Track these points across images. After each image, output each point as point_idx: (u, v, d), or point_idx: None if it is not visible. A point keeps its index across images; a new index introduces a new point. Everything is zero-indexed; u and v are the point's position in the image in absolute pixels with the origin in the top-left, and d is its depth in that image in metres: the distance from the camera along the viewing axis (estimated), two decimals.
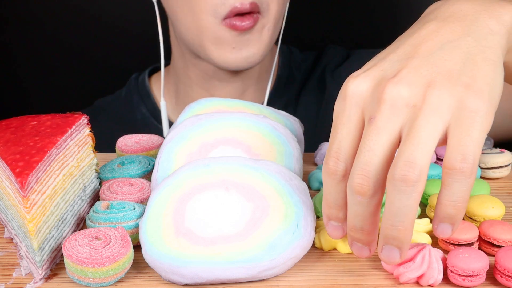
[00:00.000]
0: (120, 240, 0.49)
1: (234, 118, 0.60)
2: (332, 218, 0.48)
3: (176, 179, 0.54)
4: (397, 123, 0.43)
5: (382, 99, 0.44)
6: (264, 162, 0.54)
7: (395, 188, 0.42)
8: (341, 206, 0.47)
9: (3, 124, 0.58)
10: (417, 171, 0.42)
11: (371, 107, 0.45)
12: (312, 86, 0.98)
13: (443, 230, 0.45)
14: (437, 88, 0.43)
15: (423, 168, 0.42)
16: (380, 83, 0.45)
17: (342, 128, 0.46)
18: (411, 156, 0.42)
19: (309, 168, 0.68)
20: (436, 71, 0.44)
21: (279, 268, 0.49)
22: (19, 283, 0.50)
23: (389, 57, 0.47)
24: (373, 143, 0.43)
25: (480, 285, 0.48)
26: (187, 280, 0.48)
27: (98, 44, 1.18)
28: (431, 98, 0.43)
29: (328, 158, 0.46)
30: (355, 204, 0.45)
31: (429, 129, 0.42)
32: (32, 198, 0.49)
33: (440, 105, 0.43)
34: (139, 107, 0.98)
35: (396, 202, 0.43)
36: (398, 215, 0.43)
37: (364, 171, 0.43)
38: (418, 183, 0.42)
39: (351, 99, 0.46)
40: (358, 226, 0.46)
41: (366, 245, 0.47)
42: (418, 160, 0.42)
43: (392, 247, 0.45)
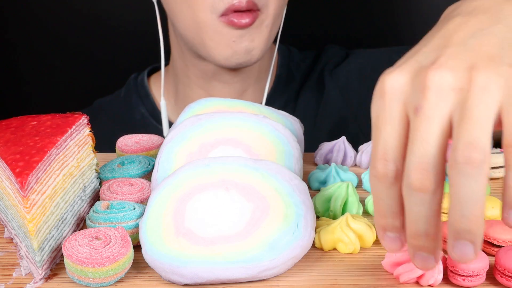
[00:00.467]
0: (120, 240, 0.49)
1: (234, 118, 0.60)
2: (388, 229, 0.44)
3: (176, 179, 0.54)
4: (446, 109, 0.40)
5: (426, 86, 0.41)
6: (264, 162, 0.54)
7: (460, 172, 0.39)
8: (397, 213, 0.43)
9: (3, 124, 0.58)
10: (481, 150, 0.38)
11: (414, 98, 0.42)
12: (311, 85, 0.98)
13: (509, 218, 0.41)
14: (482, 70, 0.41)
15: (486, 147, 0.39)
16: (420, 72, 0.42)
17: (385, 126, 0.42)
18: (471, 137, 0.39)
19: (309, 168, 0.68)
20: (475, 55, 0.42)
21: (279, 268, 0.49)
22: (19, 283, 0.50)
23: (421, 50, 0.45)
24: (425, 133, 0.40)
25: (480, 285, 0.48)
26: (187, 280, 0.48)
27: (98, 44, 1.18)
28: (478, 79, 0.40)
29: (374, 161, 0.42)
30: (416, 205, 0.41)
31: (483, 108, 0.39)
32: (32, 198, 0.49)
33: (489, 85, 0.40)
34: (138, 107, 0.98)
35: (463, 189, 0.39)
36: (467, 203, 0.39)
37: (422, 165, 0.40)
38: (484, 164, 0.39)
39: (390, 95, 0.43)
40: (421, 230, 0.42)
41: (431, 254, 0.43)
42: (480, 140, 0.39)
43: (465, 242, 0.40)
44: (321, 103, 0.96)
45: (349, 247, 0.52)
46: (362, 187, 0.64)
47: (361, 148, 0.70)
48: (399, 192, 0.42)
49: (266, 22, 0.82)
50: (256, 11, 0.80)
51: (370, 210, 0.58)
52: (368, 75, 0.96)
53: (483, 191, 0.39)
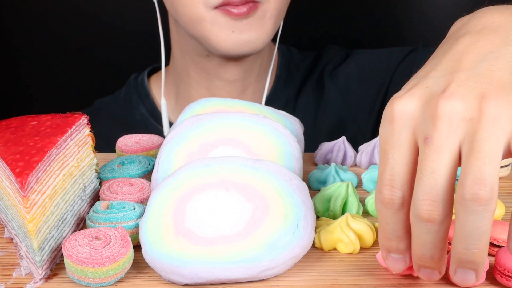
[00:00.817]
0: (120, 240, 0.49)
1: (234, 118, 0.60)
2: (392, 251, 0.45)
3: (176, 179, 0.54)
4: (456, 140, 0.41)
5: (437, 116, 0.41)
6: (264, 162, 0.54)
7: (467, 209, 0.39)
8: (401, 237, 0.44)
9: (3, 124, 0.58)
10: (488, 188, 0.39)
11: (423, 127, 0.42)
12: (310, 86, 0.98)
13: None
14: (493, 99, 0.41)
15: (494, 184, 0.39)
16: (430, 100, 0.42)
17: (393, 152, 0.43)
18: (479, 173, 0.39)
19: (309, 168, 0.68)
20: (486, 82, 0.42)
21: (279, 268, 0.49)
22: (19, 283, 0.50)
23: (430, 74, 0.44)
24: (435, 164, 0.40)
25: (480, 285, 0.48)
26: (187, 280, 0.48)
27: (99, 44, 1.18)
28: (489, 109, 0.40)
29: (381, 186, 0.43)
30: (423, 233, 0.42)
31: (492, 142, 0.40)
32: (32, 198, 0.49)
33: (499, 115, 0.40)
34: (138, 107, 0.98)
35: (468, 224, 0.40)
36: (472, 238, 0.40)
37: (430, 196, 0.40)
38: (491, 201, 0.39)
39: (399, 121, 0.43)
40: (427, 255, 0.43)
41: (435, 270, 0.44)
42: (488, 176, 0.39)
43: (467, 270, 0.42)
44: (320, 104, 0.96)
45: (349, 247, 0.52)
46: (362, 187, 0.64)
47: (361, 148, 0.70)
48: (404, 217, 0.43)
49: (270, 14, 0.81)
50: (256, 3, 0.80)
51: (370, 210, 0.58)
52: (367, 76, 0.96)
53: (489, 226, 0.40)
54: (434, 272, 0.44)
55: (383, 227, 0.44)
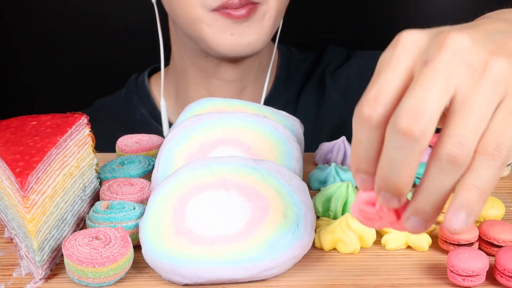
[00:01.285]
0: (120, 240, 0.49)
1: (234, 118, 0.60)
2: (361, 172, 0.43)
3: (176, 179, 0.54)
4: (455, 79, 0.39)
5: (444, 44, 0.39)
6: (264, 162, 0.54)
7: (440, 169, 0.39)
8: (373, 161, 0.42)
9: (3, 124, 0.58)
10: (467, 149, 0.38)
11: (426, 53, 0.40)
12: (312, 86, 0.98)
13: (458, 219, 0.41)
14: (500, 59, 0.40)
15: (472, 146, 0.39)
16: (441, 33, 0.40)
17: (386, 71, 0.41)
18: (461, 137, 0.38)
19: (309, 168, 0.68)
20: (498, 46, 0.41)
21: (279, 268, 0.49)
22: (19, 283, 0.50)
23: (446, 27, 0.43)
24: (430, 83, 0.38)
25: (480, 285, 0.48)
26: (187, 280, 0.48)
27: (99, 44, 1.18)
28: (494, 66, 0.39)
29: (363, 103, 0.41)
30: (394, 149, 0.39)
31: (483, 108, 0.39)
32: (32, 198, 0.49)
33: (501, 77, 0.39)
34: (138, 107, 0.98)
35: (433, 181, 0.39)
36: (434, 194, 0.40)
37: (415, 109, 0.38)
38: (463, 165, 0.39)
39: (402, 46, 0.41)
40: (392, 175, 0.40)
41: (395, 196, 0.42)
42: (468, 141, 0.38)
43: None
44: (322, 105, 0.96)
45: (349, 247, 0.52)
46: None
47: None
48: (380, 138, 0.41)
49: (269, 14, 0.81)
50: (255, 4, 0.79)
51: None
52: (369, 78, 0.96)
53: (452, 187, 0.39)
54: (393, 198, 0.42)
55: (355, 146, 0.42)
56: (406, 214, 0.42)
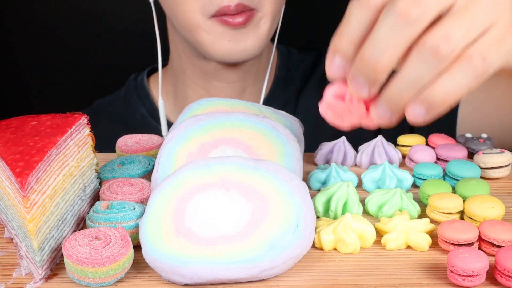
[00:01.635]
0: (120, 240, 0.49)
1: (234, 118, 0.60)
2: (339, 53, 0.43)
3: (176, 179, 0.54)
4: None
5: None
6: (264, 162, 0.54)
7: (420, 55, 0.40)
8: (355, 41, 0.42)
9: (3, 124, 0.58)
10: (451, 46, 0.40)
11: None
12: (312, 87, 0.98)
13: None
14: None
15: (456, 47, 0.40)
16: None
17: None
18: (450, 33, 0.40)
19: (309, 168, 0.68)
20: None
21: (279, 268, 0.49)
22: (19, 283, 0.50)
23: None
24: None
25: (480, 285, 0.48)
26: (187, 280, 0.48)
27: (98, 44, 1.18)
28: None
29: None
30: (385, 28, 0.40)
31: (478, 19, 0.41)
32: (32, 198, 0.49)
33: None
34: (138, 107, 0.98)
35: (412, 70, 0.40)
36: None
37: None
38: None
39: None
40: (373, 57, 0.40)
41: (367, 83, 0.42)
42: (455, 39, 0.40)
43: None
44: None
45: (349, 247, 0.52)
46: (362, 187, 0.64)
47: (361, 148, 0.70)
48: (370, 22, 0.41)
49: (264, 19, 0.81)
50: (251, 11, 0.79)
51: (370, 210, 0.58)
52: None
53: None
54: (365, 85, 0.42)
55: (343, 25, 0.43)
56: (377, 101, 0.42)
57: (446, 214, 0.56)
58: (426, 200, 0.59)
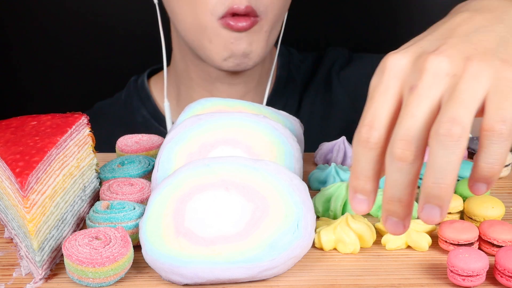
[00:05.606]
0: (120, 240, 0.49)
1: (234, 118, 0.60)
2: (359, 190, 0.46)
3: (176, 179, 0.54)
4: (438, 91, 0.44)
5: (424, 69, 0.44)
6: (264, 162, 0.54)
7: (439, 143, 0.42)
8: (370, 177, 0.46)
9: (3, 124, 0.58)
10: (461, 127, 0.42)
11: (411, 78, 0.45)
12: (316, 87, 0.98)
13: (479, 189, 0.45)
14: (476, 60, 0.44)
15: (466, 125, 0.42)
16: (421, 56, 0.45)
17: (379, 97, 0.46)
18: (455, 113, 0.42)
19: (309, 168, 0.68)
20: (473, 47, 0.45)
21: (279, 268, 0.49)
22: (19, 283, 0.50)
23: (426, 38, 0.48)
24: (415, 109, 0.43)
25: (480, 285, 0.48)
26: (187, 280, 0.48)
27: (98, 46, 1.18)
28: (471, 68, 0.44)
29: (361, 126, 0.46)
30: (394, 172, 0.44)
31: (470, 92, 0.43)
32: (32, 198, 0.49)
33: (480, 73, 0.44)
34: (139, 109, 0.98)
35: (439, 158, 0.42)
36: (441, 172, 0.43)
37: (406, 137, 0.43)
38: (462, 139, 0.42)
39: (389, 72, 0.46)
40: (396, 196, 0.45)
41: (401, 220, 0.45)
42: (462, 117, 0.42)
43: (433, 206, 0.44)
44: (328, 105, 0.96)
45: (349, 247, 0.52)
46: None
47: None
48: (376, 158, 0.45)
49: (266, 28, 0.82)
50: (255, 17, 0.80)
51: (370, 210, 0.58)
52: None
53: (457, 162, 0.43)
54: (399, 223, 0.46)
55: (355, 166, 0.46)
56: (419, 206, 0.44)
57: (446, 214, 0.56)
58: None
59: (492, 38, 0.47)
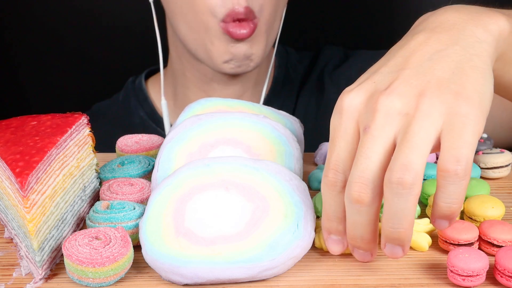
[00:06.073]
0: (120, 240, 0.49)
1: (234, 118, 0.60)
2: (332, 231, 0.49)
3: (176, 179, 0.54)
4: (391, 131, 0.45)
5: (376, 109, 0.45)
6: (264, 162, 0.54)
7: (392, 191, 0.43)
8: (341, 219, 0.48)
9: (3, 124, 0.58)
10: (413, 174, 0.42)
11: (365, 118, 0.46)
12: (310, 87, 0.98)
13: (440, 224, 0.46)
14: (428, 97, 0.44)
15: (419, 171, 0.43)
16: (373, 95, 0.46)
17: (339, 141, 0.47)
18: (406, 160, 0.43)
19: (309, 168, 0.68)
20: (426, 80, 0.45)
21: (279, 268, 0.49)
22: (19, 283, 0.50)
23: (380, 70, 0.48)
24: (369, 151, 0.44)
25: (480, 285, 0.48)
26: (187, 280, 0.48)
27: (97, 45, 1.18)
28: (423, 106, 0.44)
29: (327, 170, 0.47)
30: (353, 214, 0.46)
31: (422, 134, 0.43)
32: (32, 198, 0.49)
33: (432, 111, 0.44)
34: (137, 110, 0.98)
35: (394, 206, 0.43)
36: (397, 218, 0.44)
37: (361, 179, 0.44)
38: (414, 186, 0.43)
39: (346, 113, 0.47)
40: (358, 235, 0.47)
41: (367, 251, 0.48)
42: (414, 164, 0.42)
43: (394, 246, 0.46)
44: (321, 105, 0.96)
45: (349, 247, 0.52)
46: None
47: None
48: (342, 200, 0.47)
49: (263, 28, 0.82)
50: (254, 20, 0.80)
51: None
52: None
53: (412, 208, 0.44)
54: (366, 253, 0.48)
55: (325, 208, 0.48)
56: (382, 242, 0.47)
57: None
58: (426, 200, 0.59)
59: (446, 66, 0.46)
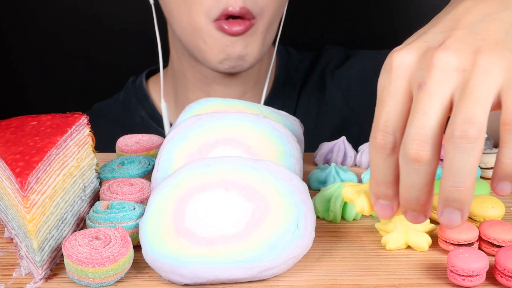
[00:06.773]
0: (120, 240, 0.49)
1: (234, 118, 0.60)
2: (381, 197, 0.46)
3: (176, 179, 0.54)
4: (448, 87, 0.42)
5: (432, 64, 0.43)
6: (264, 162, 0.54)
7: (455, 146, 0.41)
8: (391, 183, 0.45)
9: (3, 124, 0.58)
10: (477, 127, 0.40)
11: (419, 75, 0.43)
12: (311, 86, 0.98)
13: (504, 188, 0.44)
14: (486, 54, 0.43)
15: (483, 125, 0.41)
16: (427, 52, 0.44)
17: (388, 100, 0.44)
18: (470, 113, 0.41)
19: (309, 168, 0.68)
20: (481, 39, 0.44)
21: (279, 268, 0.49)
22: (19, 283, 0.50)
23: (430, 31, 0.46)
24: (426, 107, 0.42)
25: (480, 285, 0.48)
26: (187, 280, 0.48)
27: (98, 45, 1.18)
28: (481, 62, 0.42)
29: (375, 132, 0.45)
30: (410, 173, 0.43)
31: (483, 89, 0.41)
32: (32, 198, 0.49)
33: (491, 68, 0.42)
34: (137, 110, 0.98)
35: (456, 161, 0.41)
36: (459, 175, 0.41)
37: (420, 136, 0.42)
38: (479, 140, 0.41)
39: (397, 71, 0.45)
40: (413, 196, 0.44)
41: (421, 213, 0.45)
42: (477, 117, 0.41)
43: (453, 210, 0.43)
44: (322, 105, 0.96)
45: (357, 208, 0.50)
46: None
47: (361, 148, 0.70)
48: (395, 162, 0.44)
49: (261, 29, 0.82)
50: (251, 20, 0.80)
51: None
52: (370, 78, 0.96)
53: (475, 165, 0.41)
54: (420, 215, 0.45)
55: (374, 172, 0.46)
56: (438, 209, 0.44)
57: None
58: None
59: (500, 27, 0.45)
